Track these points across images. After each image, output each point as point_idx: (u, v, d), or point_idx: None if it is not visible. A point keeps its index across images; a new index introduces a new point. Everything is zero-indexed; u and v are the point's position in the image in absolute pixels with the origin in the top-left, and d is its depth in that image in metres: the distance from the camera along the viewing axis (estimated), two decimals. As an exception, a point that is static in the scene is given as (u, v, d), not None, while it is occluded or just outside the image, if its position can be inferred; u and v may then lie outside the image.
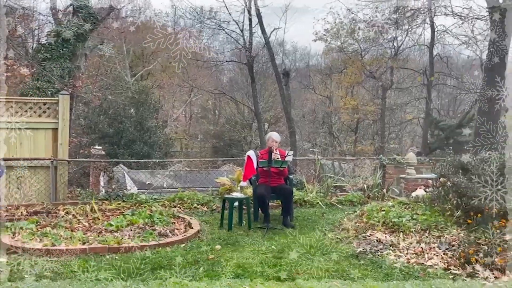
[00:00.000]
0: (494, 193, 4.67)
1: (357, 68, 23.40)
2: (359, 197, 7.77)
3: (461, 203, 5.16)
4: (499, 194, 4.88)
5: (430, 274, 4.18)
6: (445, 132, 23.71)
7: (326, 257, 4.65)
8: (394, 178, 8.93)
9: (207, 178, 12.74)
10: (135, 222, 5.57)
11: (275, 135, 6.48)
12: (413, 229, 5.17)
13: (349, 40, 22.43)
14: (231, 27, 21.90)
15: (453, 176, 5.33)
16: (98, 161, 12.05)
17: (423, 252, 4.67)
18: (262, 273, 4.10)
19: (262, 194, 6.00)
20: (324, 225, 6.14)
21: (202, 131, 34.53)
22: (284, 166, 6.24)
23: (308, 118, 29.89)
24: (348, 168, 10.90)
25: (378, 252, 4.78)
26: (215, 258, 4.55)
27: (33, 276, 3.95)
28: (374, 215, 5.80)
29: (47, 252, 4.58)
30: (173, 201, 7.32)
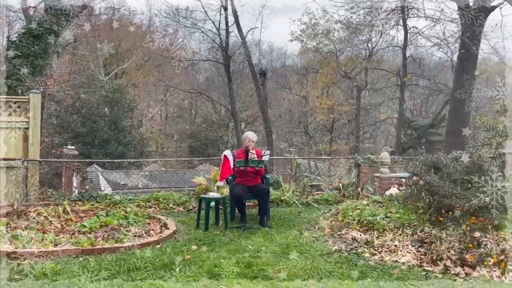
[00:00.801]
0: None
1: (332, 68, 23.67)
2: (334, 196, 7.86)
3: (433, 201, 5.28)
4: (470, 193, 5.03)
5: (404, 271, 4.26)
6: (418, 132, 24.28)
7: (302, 255, 4.68)
8: (369, 177, 9.07)
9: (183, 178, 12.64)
10: (109, 223, 5.47)
11: (252, 134, 6.49)
12: (387, 227, 5.26)
13: (325, 41, 22.67)
14: (207, 26, 21.83)
15: (426, 175, 5.44)
16: (71, 161, 11.78)
17: (397, 249, 4.76)
18: (238, 273, 4.09)
19: (238, 193, 5.99)
20: (301, 224, 6.18)
21: (178, 131, 34.24)
22: (261, 166, 6.25)
23: (285, 118, 30.04)
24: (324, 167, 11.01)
25: (353, 250, 4.85)
26: (192, 259, 4.51)
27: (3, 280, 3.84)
28: (349, 213, 5.87)
29: (18, 255, 4.44)
30: (149, 201, 7.22)
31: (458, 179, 5.22)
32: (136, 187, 13.90)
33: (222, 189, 6.87)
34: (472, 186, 5.19)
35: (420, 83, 24.62)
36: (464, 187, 5.18)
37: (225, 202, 6.18)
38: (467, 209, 4.86)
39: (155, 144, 33.15)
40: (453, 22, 16.07)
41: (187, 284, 3.83)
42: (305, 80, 28.65)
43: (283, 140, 29.01)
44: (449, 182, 5.15)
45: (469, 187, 5.19)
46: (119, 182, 16.39)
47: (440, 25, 16.69)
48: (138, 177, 15.64)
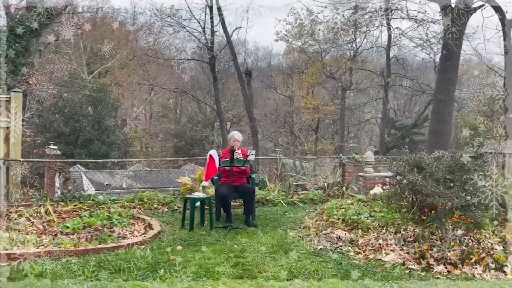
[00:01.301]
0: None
1: (317, 68, 23.80)
2: (319, 195, 7.90)
3: (416, 200, 5.34)
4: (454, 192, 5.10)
5: (387, 270, 4.31)
6: (401, 132, 24.59)
7: (287, 255, 4.70)
8: (353, 176, 9.14)
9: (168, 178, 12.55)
10: (93, 224, 5.40)
11: (237, 134, 6.48)
12: (371, 226, 5.31)
13: (310, 41, 22.76)
14: (192, 25, 21.70)
15: (409, 174, 5.50)
16: (54, 161, 11.61)
17: (381, 248, 4.81)
18: (224, 273, 4.08)
19: (224, 193, 5.97)
20: (286, 223, 6.19)
21: (163, 130, 34.01)
22: (246, 166, 6.25)
23: (270, 118, 30.09)
24: (309, 167, 11.05)
25: (338, 249, 4.88)
26: (177, 259, 4.49)
27: None
28: (334, 212, 5.91)
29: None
30: (133, 201, 7.15)
31: (441, 178, 5.30)
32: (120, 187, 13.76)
33: (208, 189, 6.85)
34: (454, 185, 5.27)
35: (404, 84, 24.94)
36: (447, 186, 5.25)
37: (210, 202, 6.16)
38: (449, 207, 4.94)
39: (139, 144, 32.88)
40: (435, 23, 16.33)
41: (171, 285, 3.81)
42: (291, 80, 28.74)
43: (268, 140, 29.08)
44: (432, 181, 5.21)
45: (451, 186, 5.27)
46: (102, 182, 16.21)
47: (423, 26, 16.92)
48: (122, 177, 15.48)
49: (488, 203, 5.07)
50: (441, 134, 13.39)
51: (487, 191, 4.99)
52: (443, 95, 13.29)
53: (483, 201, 5.01)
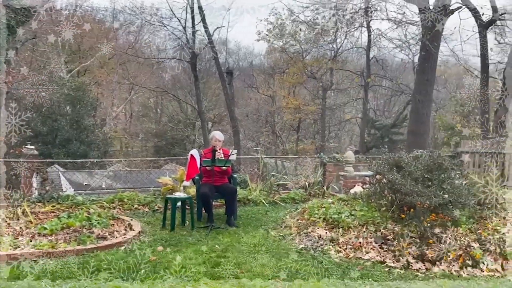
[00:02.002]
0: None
1: (298, 68, 23.92)
2: (301, 194, 7.94)
3: (396, 199, 5.42)
4: (432, 190, 5.19)
5: (367, 268, 4.36)
6: (381, 131, 24.92)
7: (269, 254, 4.71)
8: (334, 175, 9.22)
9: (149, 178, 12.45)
10: (71, 225, 5.31)
11: (219, 134, 6.46)
12: (351, 224, 5.37)
13: (291, 41, 22.87)
14: (173, 24, 21.59)
15: (388, 173, 5.58)
16: (31, 161, 11.35)
17: (361, 246, 4.86)
18: (205, 273, 4.07)
19: (205, 193, 5.95)
20: (268, 223, 6.21)
21: (143, 130, 33.67)
22: (228, 165, 6.24)
23: (252, 117, 30.11)
24: (290, 166, 11.10)
25: (319, 248, 4.92)
26: (157, 260, 4.45)
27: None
28: (315, 212, 5.95)
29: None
30: (113, 202, 7.06)
31: (419, 177, 5.39)
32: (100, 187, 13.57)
33: (189, 189, 6.81)
34: (432, 184, 5.37)
35: (383, 84, 25.29)
36: (425, 185, 5.35)
37: (191, 202, 6.13)
38: (427, 206, 5.03)
39: (119, 144, 32.48)
40: (414, 25, 16.61)
41: (152, 286, 3.77)
42: (272, 79, 28.82)
43: (250, 140, 29.08)
44: (411, 180, 5.30)
45: (429, 185, 5.37)
46: (81, 182, 15.96)
47: (402, 28, 17.19)
48: (102, 178, 15.26)
49: (465, 201, 5.18)
50: (419, 134, 13.63)
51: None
52: (422, 95, 13.52)
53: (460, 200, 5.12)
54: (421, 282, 4.04)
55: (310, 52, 23.12)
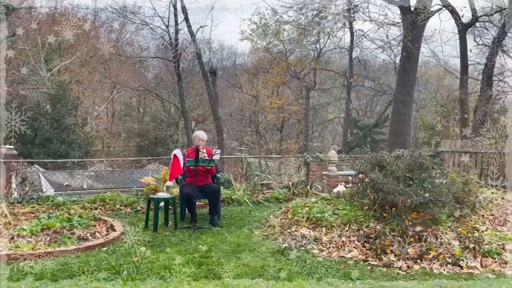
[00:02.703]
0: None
1: (282, 68, 23.99)
2: (284, 194, 7.96)
3: (378, 198, 5.48)
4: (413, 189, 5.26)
5: (350, 266, 4.40)
6: (363, 131, 25.16)
7: (253, 254, 4.72)
8: (317, 175, 9.28)
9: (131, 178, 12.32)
10: (52, 226, 5.22)
11: (202, 133, 6.43)
12: (334, 223, 5.41)
13: (275, 41, 22.92)
14: (156, 23, 21.41)
15: (370, 172, 5.63)
16: (9, 161, 11.10)
17: (344, 245, 4.91)
18: (189, 273, 4.04)
19: (188, 193, 5.92)
20: (251, 222, 6.21)
21: (125, 130, 33.30)
22: (212, 165, 6.21)
23: (235, 117, 30.07)
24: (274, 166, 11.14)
25: (303, 247, 4.94)
26: (140, 260, 4.40)
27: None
28: (299, 211, 5.97)
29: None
30: (94, 202, 6.96)
31: (401, 176, 5.46)
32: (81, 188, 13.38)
33: (172, 189, 6.77)
34: (413, 183, 5.44)
35: (365, 84, 25.54)
36: (406, 184, 5.42)
37: (174, 202, 6.09)
38: (409, 205, 5.10)
39: (101, 143, 32.07)
40: (395, 26, 16.83)
41: (135, 287, 3.74)
42: (256, 79, 28.84)
43: (233, 139, 29.03)
44: (392, 179, 5.37)
45: (410, 184, 5.44)
46: (62, 183, 15.70)
47: (384, 29, 17.41)
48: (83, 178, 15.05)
49: (445, 200, 5.27)
50: (401, 133, 13.81)
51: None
52: (403, 95, 13.71)
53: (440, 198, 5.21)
54: (403, 280, 4.09)
55: (294, 52, 23.23)
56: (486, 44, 16.50)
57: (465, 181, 6.07)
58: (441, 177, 5.77)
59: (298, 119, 26.62)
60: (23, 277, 3.86)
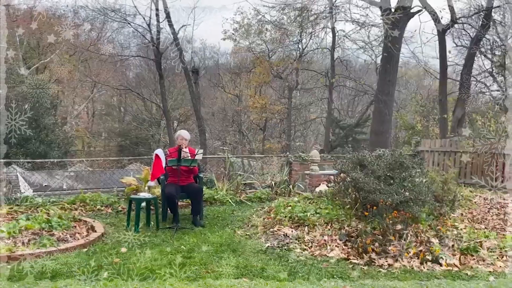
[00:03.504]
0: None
1: (265, 68, 23.99)
2: (267, 193, 7.98)
3: (359, 197, 5.55)
4: (394, 188, 5.34)
5: (332, 265, 4.44)
6: (345, 131, 25.39)
7: (235, 254, 4.71)
8: (300, 174, 9.33)
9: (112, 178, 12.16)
10: (30, 228, 5.12)
11: (185, 133, 6.39)
12: (316, 222, 5.45)
13: (257, 41, 22.93)
14: (137, 21, 21.16)
15: (352, 172, 5.69)
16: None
17: (326, 244, 4.95)
18: (171, 274, 4.02)
19: (170, 193, 5.88)
20: (234, 222, 6.20)
21: (106, 129, 32.86)
22: (194, 165, 6.18)
23: (218, 117, 29.95)
24: (257, 165, 11.14)
25: (285, 246, 4.96)
26: (121, 262, 4.35)
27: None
28: (281, 210, 6.00)
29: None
30: (74, 203, 6.86)
31: (382, 175, 5.53)
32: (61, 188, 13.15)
33: (154, 189, 6.71)
34: (394, 182, 5.52)
35: (347, 84, 25.75)
36: (387, 183, 5.50)
37: (156, 202, 6.04)
38: (389, 203, 5.17)
39: (81, 143, 31.56)
40: (376, 27, 17.04)
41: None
42: (238, 79, 28.78)
43: (216, 139, 28.92)
44: (374, 179, 5.44)
45: (391, 183, 5.52)
46: (41, 183, 15.40)
47: (365, 29, 17.60)
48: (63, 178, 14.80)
49: (425, 198, 5.36)
50: (381, 133, 13.99)
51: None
52: (384, 95, 13.89)
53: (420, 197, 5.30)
54: (384, 278, 4.14)
55: (276, 52, 23.26)
56: (464, 45, 16.87)
57: (444, 180, 6.19)
58: (421, 176, 5.87)
59: (281, 118, 26.67)
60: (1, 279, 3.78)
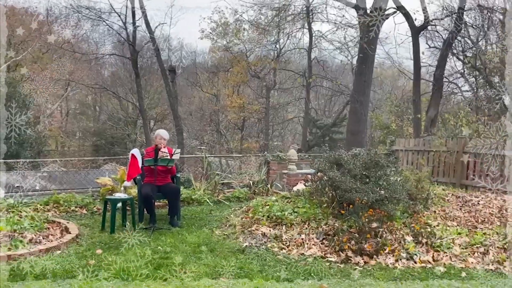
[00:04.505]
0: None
1: (242, 67, 23.99)
2: (245, 193, 7.98)
3: (336, 195, 5.61)
4: (369, 187, 5.42)
5: (310, 263, 4.47)
6: (322, 130, 25.61)
7: (213, 254, 4.70)
8: (277, 173, 9.36)
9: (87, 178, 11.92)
10: (1, 230, 4.98)
11: (164, 132, 6.33)
12: (294, 221, 5.48)
13: (235, 40, 22.89)
14: (112, 19, 20.82)
15: (329, 171, 5.75)
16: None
17: (303, 242, 4.98)
18: (148, 275, 3.97)
19: (147, 193, 5.81)
20: (212, 222, 6.18)
21: (80, 128, 32.20)
22: (171, 165, 6.13)
23: (196, 116, 29.76)
24: (235, 165, 11.13)
25: (263, 246, 4.97)
26: (96, 263, 4.28)
27: None
28: (259, 210, 6.01)
29: None
30: (47, 204, 6.71)
31: (358, 174, 5.61)
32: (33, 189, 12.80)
33: (130, 190, 6.62)
34: (370, 180, 5.61)
35: (324, 84, 26.00)
36: (363, 182, 5.58)
37: (132, 203, 5.96)
38: (365, 202, 5.25)
39: (54, 143, 30.84)
40: (353, 28, 17.27)
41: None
42: (216, 78, 28.67)
43: (194, 138, 28.74)
44: (350, 177, 5.51)
45: (367, 182, 5.60)
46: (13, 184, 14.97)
47: (342, 30, 17.82)
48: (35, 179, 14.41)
49: (400, 196, 5.47)
50: (357, 132, 14.20)
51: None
52: (360, 96, 14.09)
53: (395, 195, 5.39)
54: (360, 275, 4.20)
55: (254, 52, 23.29)
56: (437, 47, 17.27)
57: (418, 178, 6.32)
58: (396, 175, 5.98)
59: (259, 118, 26.71)
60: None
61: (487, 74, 16.21)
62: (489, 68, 15.92)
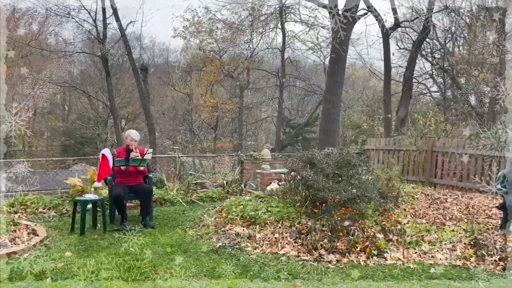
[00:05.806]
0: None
1: (216, 67, 23.87)
2: (219, 193, 7.95)
3: (309, 194, 5.65)
4: (342, 186, 5.49)
5: (283, 262, 4.49)
6: (295, 130, 25.80)
7: (186, 254, 4.65)
8: (251, 173, 9.38)
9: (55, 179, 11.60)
10: (-36, 234, 4.79)
11: (134, 133, 6.22)
12: (268, 220, 5.49)
13: (208, 39, 22.75)
14: (82, 16, 20.34)
15: (302, 170, 5.80)
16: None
17: (277, 241, 5.00)
18: (119, 277, 3.90)
19: (118, 194, 5.70)
20: (185, 222, 6.13)
21: (49, 128, 31.32)
22: (143, 165, 6.04)
23: (168, 115, 29.44)
24: (208, 164, 11.07)
25: (237, 245, 4.96)
26: (65, 266, 4.17)
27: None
28: (233, 209, 5.99)
29: None
30: (13, 206, 6.50)
31: (330, 173, 5.67)
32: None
33: (100, 191, 6.49)
34: (342, 179, 5.68)
35: (297, 84, 26.20)
36: (336, 181, 5.65)
37: (103, 203, 5.84)
38: (338, 201, 5.31)
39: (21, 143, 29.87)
40: (325, 28, 17.48)
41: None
42: (189, 77, 28.43)
43: (166, 138, 28.43)
44: (323, 177, 5.56)
45: (339, 181, 5.67)
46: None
47: (314, 31, 18.00)
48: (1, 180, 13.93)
49: (371, 195, 5.56)
50: (330, 132, 14.36)
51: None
52: (332, 96, 14.26)
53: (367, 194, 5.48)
54: (332, 273, 4.25)
55: (227, 51, 23.22)
56: (407, 48, 17.68)
57: (389, 177, 6.45)
58: (367, 174, 6.09)
59: (232, 117, 26.65)
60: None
61: (454, 75, 16.71)
62: (456, 70, 16.43)
